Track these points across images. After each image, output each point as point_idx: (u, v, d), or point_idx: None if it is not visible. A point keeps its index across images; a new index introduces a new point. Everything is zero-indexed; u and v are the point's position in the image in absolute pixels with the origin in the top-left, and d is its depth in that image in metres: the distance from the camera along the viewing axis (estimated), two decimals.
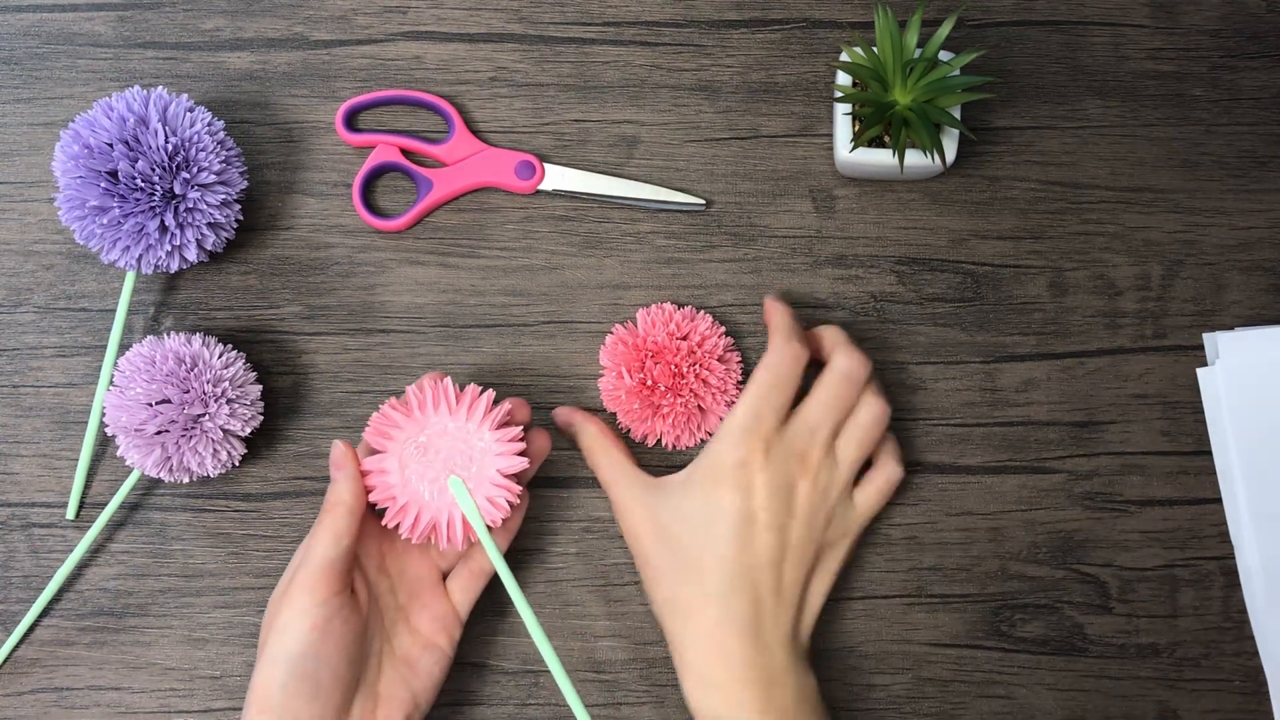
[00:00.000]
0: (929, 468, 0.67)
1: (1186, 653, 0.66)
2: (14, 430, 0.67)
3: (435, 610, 0.62)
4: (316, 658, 0.56)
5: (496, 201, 0.69)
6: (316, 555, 0.58)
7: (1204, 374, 0.67)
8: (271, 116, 0.69)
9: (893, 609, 0.66)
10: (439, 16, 0.69)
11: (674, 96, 0.69)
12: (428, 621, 0.61)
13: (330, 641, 0.57)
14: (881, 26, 0.62)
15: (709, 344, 0.65)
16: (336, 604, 0.57)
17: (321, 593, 0.57)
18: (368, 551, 0.61)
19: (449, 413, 0.59)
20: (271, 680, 0.56)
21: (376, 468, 0.60)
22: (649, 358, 0.64)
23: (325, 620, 0.57)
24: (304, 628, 0.57)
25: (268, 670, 0.56)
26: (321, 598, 0.57)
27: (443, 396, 0.60)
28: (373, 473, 0.60)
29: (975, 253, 0.68)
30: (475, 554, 0.63)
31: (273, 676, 0.56)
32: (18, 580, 0.67)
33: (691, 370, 0.64)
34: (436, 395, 0.60)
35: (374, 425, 0.60)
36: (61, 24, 0.69)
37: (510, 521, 0.63)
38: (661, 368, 0.64)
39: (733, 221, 0.68)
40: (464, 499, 0.59)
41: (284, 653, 0.56)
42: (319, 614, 0.57)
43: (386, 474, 0.59)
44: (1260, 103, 0.69)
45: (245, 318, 0.68)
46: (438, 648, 0.61)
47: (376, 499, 0.59)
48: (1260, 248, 0.68)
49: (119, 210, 0.61)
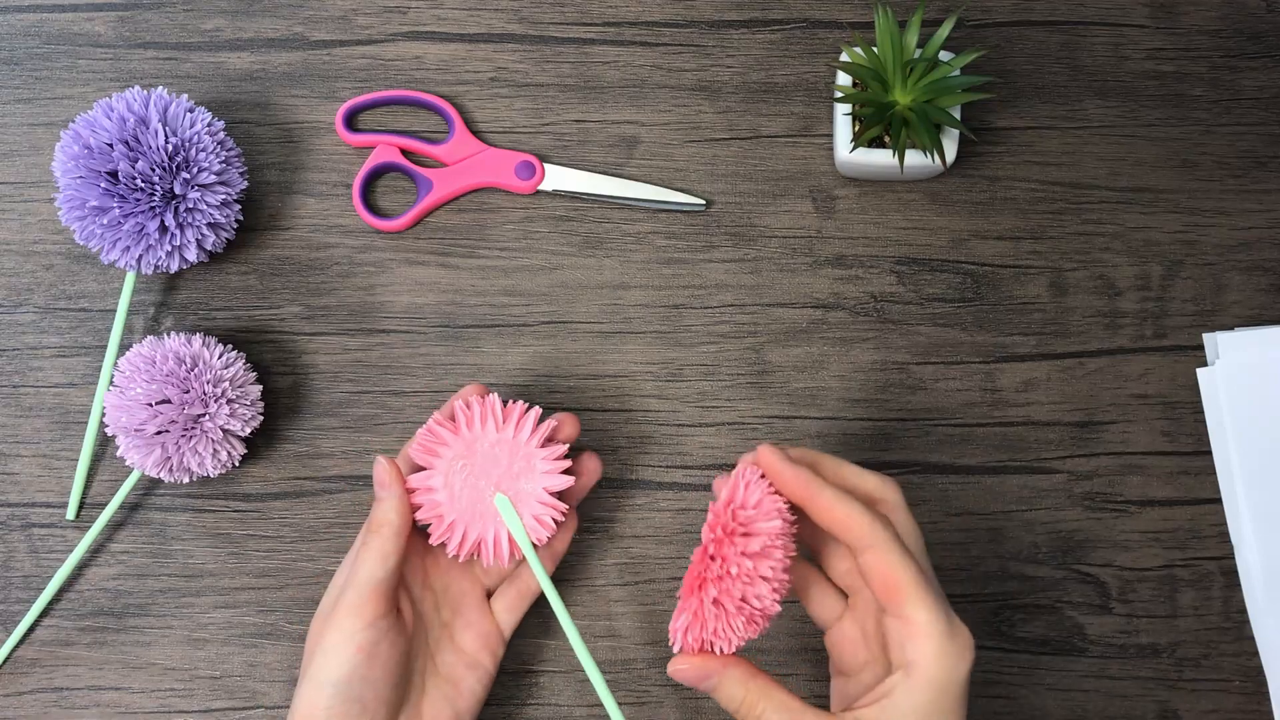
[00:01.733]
0: (929, 468, 0.67)
1: (1186, 653, 0.66)
2: (14, 430, 0.67)
3: (479, 628, 0.61)
4: (363, 681, 0.56)
5: (496, 201, 0.69)
6: (363, 577, 0.56)
7: (1204, 374, 0.67)
8: (271, 117, 0.69)
9: None
10: (439, 17, 0.69)
11: (674, 96, 0.69)
12: (472, 639, 0.61)
13: (377, 664, 0.56)
14: (882, 27, 0.62)
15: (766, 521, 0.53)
16: (383, 626, 0.56)
17: (369, 615, 0.56)
18: (412, 568, 0.60)
19: (495, 429, 0.58)
20: (315, 705, 0.55)
21: (422, 485, 0.59)
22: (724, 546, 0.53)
23: (372, 643, 0.56)
24: (350, 651, 0.55)
25: (311, 694, 0.56)
26: (369, 620, 0.56)
27: (490, 413, 0.58)
28: (418, 490, 0.59)
29: (975, 253, 0.68)
30: (522, 573, 0.62)
31: (316, 701, 0.55)
32: (18, 580, 0.67)
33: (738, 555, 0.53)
34: (484, 412, 0.59)
35: (420, 442, 0.59)
36: (61, 24, 0.69)
37: (557, 542, 0.62)
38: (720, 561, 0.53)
39: (733, 221, 0.68)
40: (510, 516, 0.58)
41: (329, 677, 0.55)
42: (366, 637, 0.56)
43: (433, 491, 0.59)
44: (1260, 103, 0.69)
45: (245, 318, 0.68)
46: (481, 666, 0.60)
47: (422, 517, 0.58)
48: (1260, 248, 0.68)
49: (119, 210, 0.61)
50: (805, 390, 0.67)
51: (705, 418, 0.67)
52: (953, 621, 0.51)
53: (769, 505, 0.53)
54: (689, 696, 0.66)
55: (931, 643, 0.51)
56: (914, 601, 0.51)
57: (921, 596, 0.51)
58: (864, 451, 0.67)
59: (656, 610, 0.66)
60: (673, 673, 0.53)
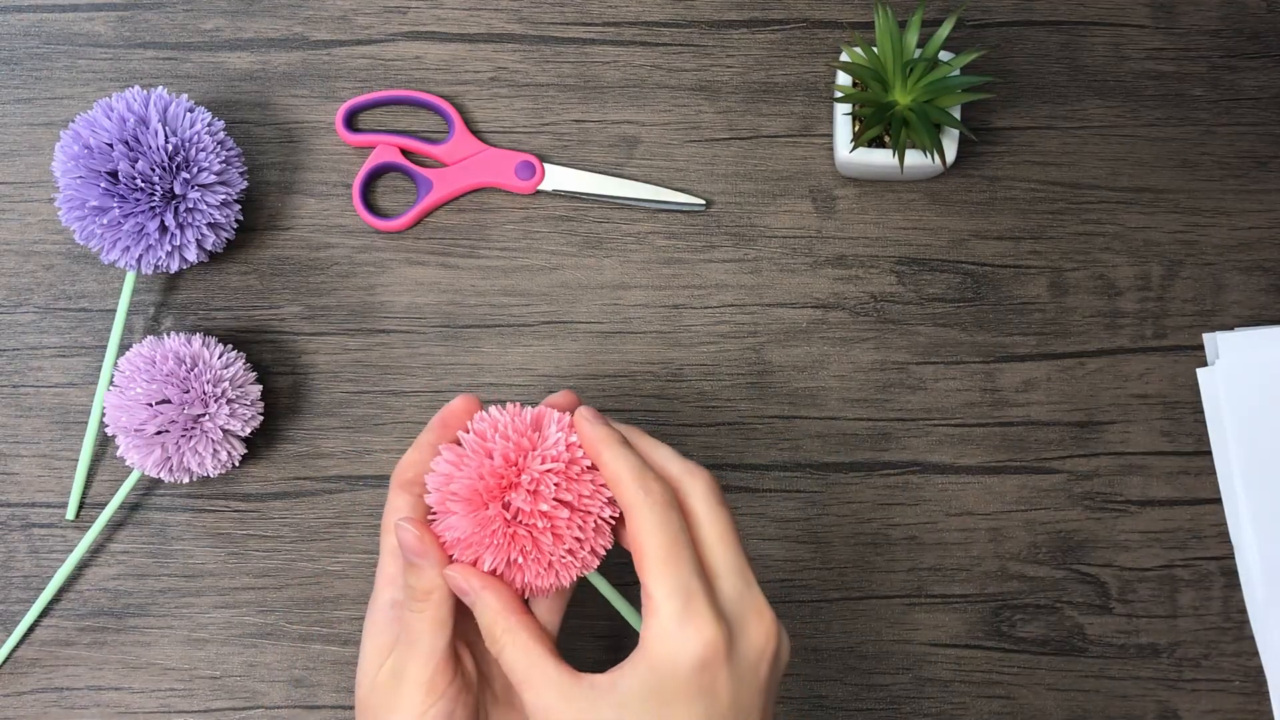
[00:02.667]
0: (929, 468, 0.67)
1: (1186, 653, 0.66)
2: (14, 430, 0.67)
3: None
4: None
5: (496, 201, 0.69)
6: (424, 650, 0.51)
7: (1204, 374, 0.67)
8: (271, 116, 0.69)
9: (893, 609, 0.66)
10: (439, 16, 0.69)
11: (674, 96, 0.69)
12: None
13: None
14: (881, 26, 0.62)
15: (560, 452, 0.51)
16: (454, 693, 0.52)
17: (440, 686, 0.52)
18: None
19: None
20: None
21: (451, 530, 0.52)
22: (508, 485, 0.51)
23: (448, 715, 0.52)
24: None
25: None
26: (440, 691, 0.52)
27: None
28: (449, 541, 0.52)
29: (975, 253, 0.68)
30: None
31: None
32: (18, 580, 0.67)
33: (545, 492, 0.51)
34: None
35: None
36: (61, 24, 0.69)
37: None
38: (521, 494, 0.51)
39: (733, 221, 0.68)
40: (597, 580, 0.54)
41: None
42: (440, 710, 0.51)
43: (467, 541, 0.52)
44: (1260, 103, 0.69)
45: (245, 318, 0.68)
46: None
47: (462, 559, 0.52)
48: (1260, 248, 0.68)
49: (119, 210, 0.61)
50: (805, 390, 0.67)
51: (705, 418, 0.67)
52: (692, 608, 0.48)
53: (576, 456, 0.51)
54: None
55: (656, 621, 0.48)
56: (652, 576, 0.49)
57: (660, 573, 0.49)
58: (864, 451, 0.67)
59: None
60: (445, 574, 0.51)
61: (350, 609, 0.66)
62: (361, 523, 0.67)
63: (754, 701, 0.50)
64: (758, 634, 0.50)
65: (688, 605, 0.49)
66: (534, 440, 0.51)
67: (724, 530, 0.51)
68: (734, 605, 0.50)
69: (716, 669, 0.49)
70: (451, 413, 0.54)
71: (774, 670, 0.51)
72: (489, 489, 0.50)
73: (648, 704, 0.49)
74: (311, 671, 0.66)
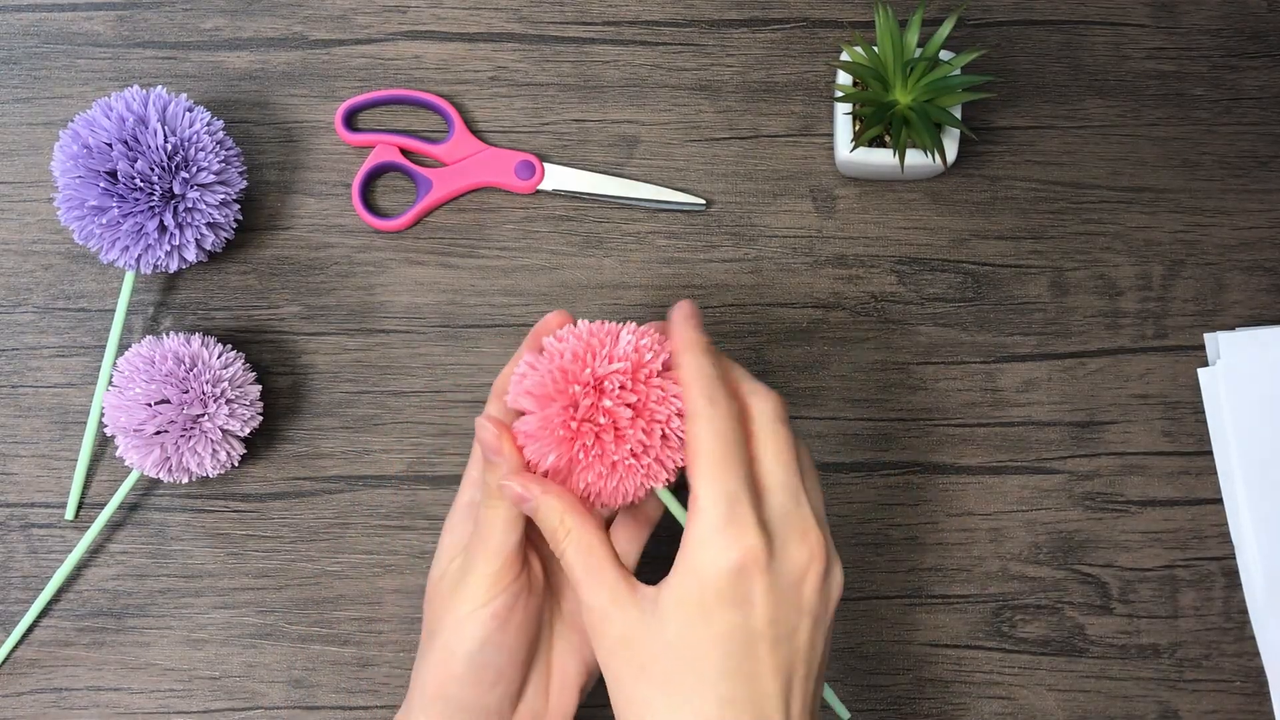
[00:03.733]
0: (929, 468, 0.67)
1: (1187, 653, 0.66)
2: (13, 430, 0.67)
3: None
4: (497, 648, 0.53)
5: (496, 201, 0.68)
6: (494, 545, 0.53)
7: (1205, 374, 0.67)
8: (271, 116, 0.69)
9: (893, 609, 0.66)
10: (439, 16, 0.69)
11: (674, 96, 0.69)
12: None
13: (511, 628, 0.53)
14: (882, 26, 0.62)
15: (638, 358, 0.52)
16: (516, 589, 0.53)
17: (504, 580, 0.53)
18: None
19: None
20: (449, 674, 0.53)
21: (522, 427, 0.53)
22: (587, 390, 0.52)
23: (507, 609, 0.53)
24: (484, 618, 0.53)
25: (443, 664, 0.53)
26: (504, 585, 0.53)
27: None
28: (521, 438, 0.53)
29: (976, 253, 0.68)
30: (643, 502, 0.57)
31: (450, 670, 0.53)
32: (17, 581, 0.67)
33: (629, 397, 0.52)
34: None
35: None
36: (61, 24, 0.69)
37: None
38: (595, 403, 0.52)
39: (733, 221, 0.68)
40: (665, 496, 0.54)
41: (464, 647, 0.53)
42: (501, 604, 0.53)
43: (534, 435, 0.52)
44: (1261, 102, 0.69)
45: (245, 318, 0.68)
46: None
47: (531, 457, 0.53)
48: (1261, 247, 0.68)
49: (118, 210, 0.61)
50: (805, 390, 0.67)
51: None
52: (734, 514, 0.48)
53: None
54: None
55: (698, 526, 0.49)
56: (700, 480, 0.49)
57: (708, 478, 0.49)
58: (864, 451, 0.67)
59: None
60: (501, 485, 0.52)
61: (350, 609, 0.66)
62: (361, 523, 0.67)
63: (795, 622, 0.50)
64: (800, 552, 0.50)
65: (731, 511, 0.49)
66: (604, 342, 0.52)
67: (781, 448, 0.51)
68: (779, 520, 0.50)
69: (754, 579, 0.49)
70: (545, 325, 0.55)
71: (821, 595, 0.50)
72: (557, 386, 0.51)
73: (688, 612, 0.49)
74: (311, 672, 0.66)
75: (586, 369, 0.52)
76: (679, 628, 0.49)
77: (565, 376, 0.52)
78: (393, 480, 0.67)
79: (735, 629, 0.49)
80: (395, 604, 0.66)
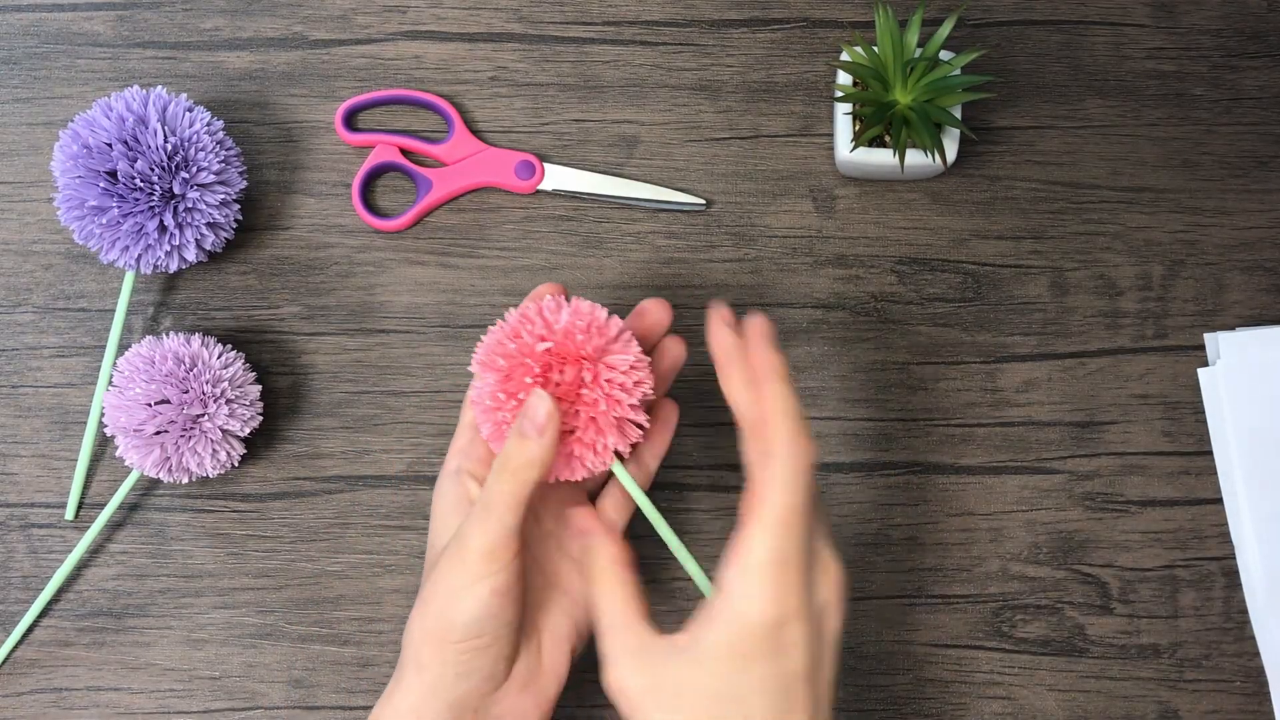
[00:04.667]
0: (929, 468, 0.67)
1: (1187, 653, 0.66)
2: (13, 430, 0.67)
3: None
4: (496, 618, 0.54)
5: (496, 201, 0.68)
6: (496, 522, 0.53)
7: (1205, 374, 0.67)
8: (271, 116, 0.69)
9: (893, 609, 0.66)
10: (438, 16, 0.69)
11: (674, 96, 0.69)
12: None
13: (509, 599, 0.54)
14: (882, 26, 0.62)
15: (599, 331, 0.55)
16: (516, 565, 0.54)
17: (504, 557, 0.53)
18: None
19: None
20: (445, 640, 0.54)
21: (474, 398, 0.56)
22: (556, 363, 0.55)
23: (506, 584, 0.54)
24: (484, 593, 0.53)
25: (439, 632, 0.54)
26: (504, 562, 0.53)
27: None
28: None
29: (976, 253, 0.68)
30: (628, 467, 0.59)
31: (446, 637, 0.54)
32: (17, 581, 0.67)
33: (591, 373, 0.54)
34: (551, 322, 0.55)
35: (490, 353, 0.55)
36: (60, 24, 0.69)
37: (654, 439, 0.59)
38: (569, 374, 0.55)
39: (733, 221, 0.68)
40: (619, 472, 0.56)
41: (461, 618, 0.54)
42: (500, 579, 0.53)
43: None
44: (1261, 102, 0.69)
45: (244, 318, 0.68)
46: None
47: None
48: (1261, 247, 0.68)
49: (118, 210, 0.61)
50: (805, 390, 0.67)
51: (706, 418, 0.67)
52: (788, 579, 0.49)
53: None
54: None
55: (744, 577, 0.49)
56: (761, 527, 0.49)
57: (772, 532, 0.49)
58: (864, 451, 0.67)
59: (657, 610, 0.66)
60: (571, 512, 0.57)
61: (350, 609, 0.66)
62: (361, 523, 0.67)
63: (822, 655, 0.51)
64: (826, 590, 0.51)
65: (783, 573, 0.49)
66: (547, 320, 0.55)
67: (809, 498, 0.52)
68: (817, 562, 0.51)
69: (794, 628, 0.49)
70: (535, 294, 0.58)
71: (839, 620, 0.52)
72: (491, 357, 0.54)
73: (730, 660, 0.49)
74: (311, 672, 0.66)
75: (511, 344, 0.54)
76: (715, 677, 0.50)
77: (498, 349, 0.54)
78: (393, 480, 0.67)
79: (775, 675, 0.49)
80: (395, 604, 0.66)
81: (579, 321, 0.54)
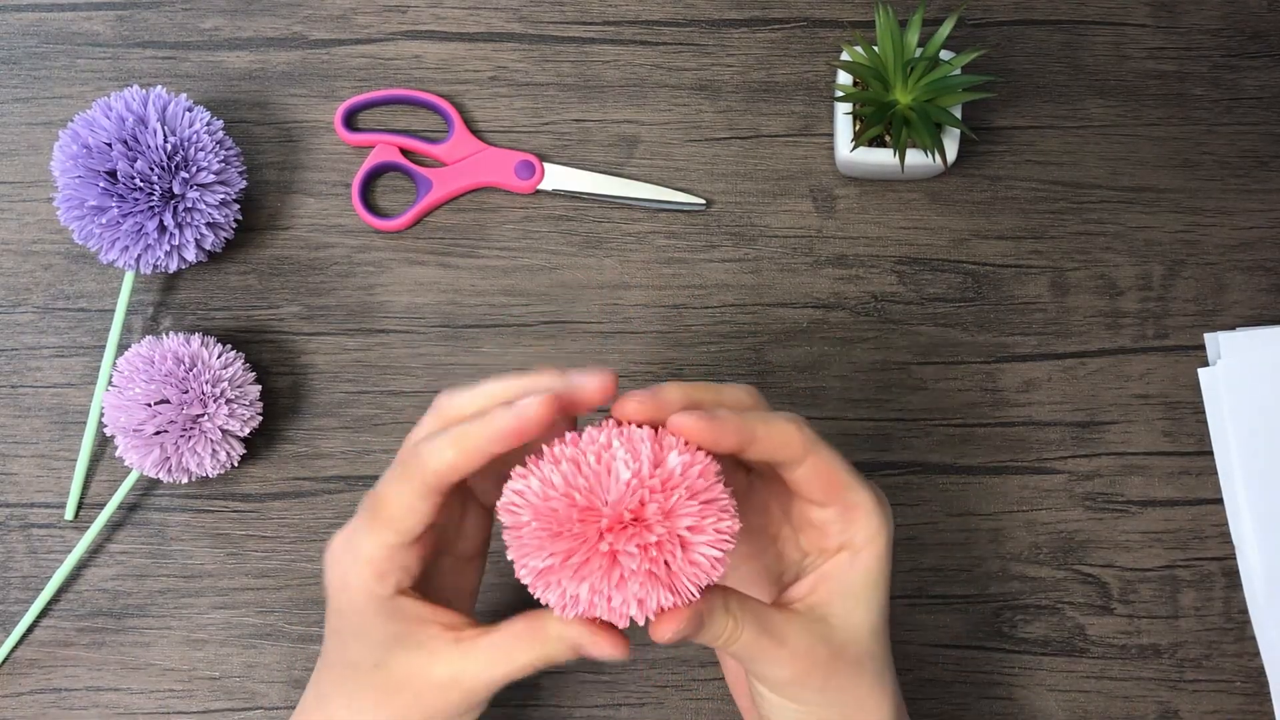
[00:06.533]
0: (929, 468, 0.67)
1: (1188, 653, 0.66)
2: (12, 430, 0.67)
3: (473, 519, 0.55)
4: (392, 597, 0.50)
5: (496, 201, 0.68)
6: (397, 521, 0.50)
7: (1205, 374, 0.67)
8: (270, 116, 0.69)
9: (893, 609, 0.66)
10: (438, 16, 0.69)
11: (674, 96, 0.69)
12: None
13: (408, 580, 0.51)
14: (882, 25, 0.62)
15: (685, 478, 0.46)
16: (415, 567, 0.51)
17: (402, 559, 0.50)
18: None
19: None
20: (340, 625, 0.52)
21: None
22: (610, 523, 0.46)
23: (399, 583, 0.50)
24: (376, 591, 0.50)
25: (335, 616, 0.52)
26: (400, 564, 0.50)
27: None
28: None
29: (976, 252, 0.68)
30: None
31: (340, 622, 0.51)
32: (16, 581, 0.67)
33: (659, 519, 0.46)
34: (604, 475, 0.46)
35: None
36: (60, 23, 0.69)
37: None
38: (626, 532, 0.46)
39: (733, 221, 0.68)
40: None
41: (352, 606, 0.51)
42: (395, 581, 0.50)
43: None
44: (1262, 102, 0.69)
45: (244, 318, 0.68)
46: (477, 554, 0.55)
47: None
48: (1262, 247, 0.68)
49: (118, 210, 0.61)
50: (805, 390, 0.67)
51: None
52: (875, 490, 0.52)
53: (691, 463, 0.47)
54: (690, 697, 0.65)
55: (874, 518, 0.51)
56: (854, 487, 0.51)
57: (858, 482, 0.51)
58: (864, 451, 0.67)
59: None
60: (666, 638, 0.49)
61: None
62: None
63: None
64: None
65: (877, 494, 0.52)
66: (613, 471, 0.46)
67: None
68: None
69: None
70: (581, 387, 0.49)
71: None
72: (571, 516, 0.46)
73: (874, 592, 0.52)
74: (310, 672, 0.66)
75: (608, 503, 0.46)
76: (874, 612, 0.52)
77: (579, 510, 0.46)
78: None
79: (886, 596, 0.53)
80: None
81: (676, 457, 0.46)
